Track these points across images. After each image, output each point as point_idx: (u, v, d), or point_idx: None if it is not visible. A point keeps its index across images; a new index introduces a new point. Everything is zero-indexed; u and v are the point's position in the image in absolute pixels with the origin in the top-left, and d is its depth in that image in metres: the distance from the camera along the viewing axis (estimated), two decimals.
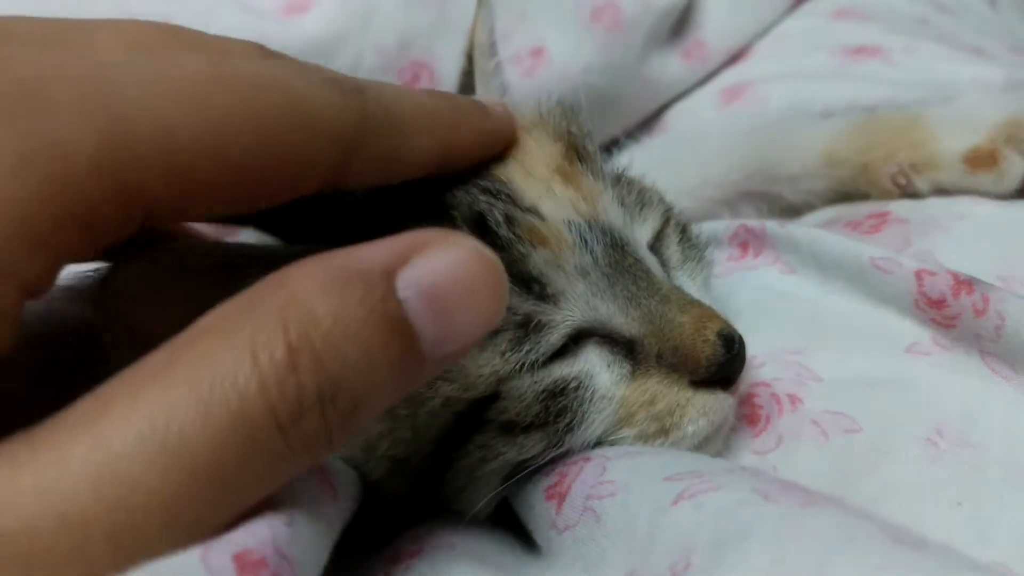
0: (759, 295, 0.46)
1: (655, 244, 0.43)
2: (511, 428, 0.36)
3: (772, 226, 0.49)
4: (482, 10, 0.50)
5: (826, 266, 0.44)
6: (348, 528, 0.33)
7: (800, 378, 0.40)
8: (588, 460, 0.35)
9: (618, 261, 0.38)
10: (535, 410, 0.35)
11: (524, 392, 0.35)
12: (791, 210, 0.57)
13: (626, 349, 0.38)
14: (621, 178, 0.44)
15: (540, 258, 0.36)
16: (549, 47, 0.72)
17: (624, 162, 0.49)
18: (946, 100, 0.52)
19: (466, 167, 0.38)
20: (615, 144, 0.69)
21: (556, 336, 0.36)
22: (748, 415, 0.40)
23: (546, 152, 0.40)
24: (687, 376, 0.37)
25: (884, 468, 0.35)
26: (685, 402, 0.37)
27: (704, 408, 0.37)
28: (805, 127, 0.57)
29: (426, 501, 0.38)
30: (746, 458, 0.39)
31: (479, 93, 0.49)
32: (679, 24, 0.79)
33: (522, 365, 0.35)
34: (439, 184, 0.37)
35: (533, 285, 0.36)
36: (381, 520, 0.37)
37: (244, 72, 0.26)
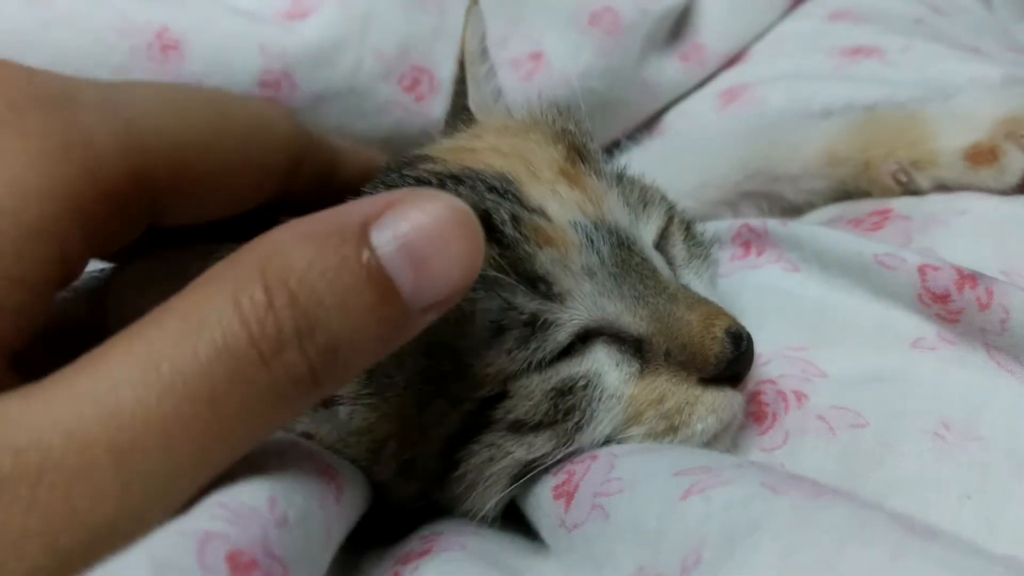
0: (763, 293, 0.46)
1: (660, 242, 0.43)
2: (520, 427, 0.36)
3: (774, 225, 0.49)
4: (472, 16, 0.50)
5: (829, 263, 0.45)
6: (358, 528, 0.33)
7: (806, 375, 0.40)
8: (596, 458, 0.35)
9: (625, 260, 0.38)
10: (544, 408, 0.35)
11: (532, 391, 0.35)
12: (792, 209, 0.57)
13: (634, 348, 0.38)
14: (623, 177, 0.44)
15: (546, 258, 0.36)
16: (548, 51, 0.72)
17: (624, 164, 0.49)
18: (945, 98, 0.53)
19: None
20: (615, 146, 0.69)
21: (563, 335, 0.36)
22: (754, 412, 0.40)
23: (547, 154, 0.40)
24: (696, 374, 0.37)
25: (891, 463, 0.35)
26: (694, 400, 0.37)
27: (713, 405, 0.37)
28: (805, 127, 0.57)
29: (435, 503, 0.38)
30: (753, 455, 0.38)
31: (472, 99, 0.50)
32: (677, 27, 0.80)
33: (529, 363, 0.35)
34: None
35: (539, 284, 0.36)
36: (391, 521, 0.37)
37: (214, 91, 0.34)
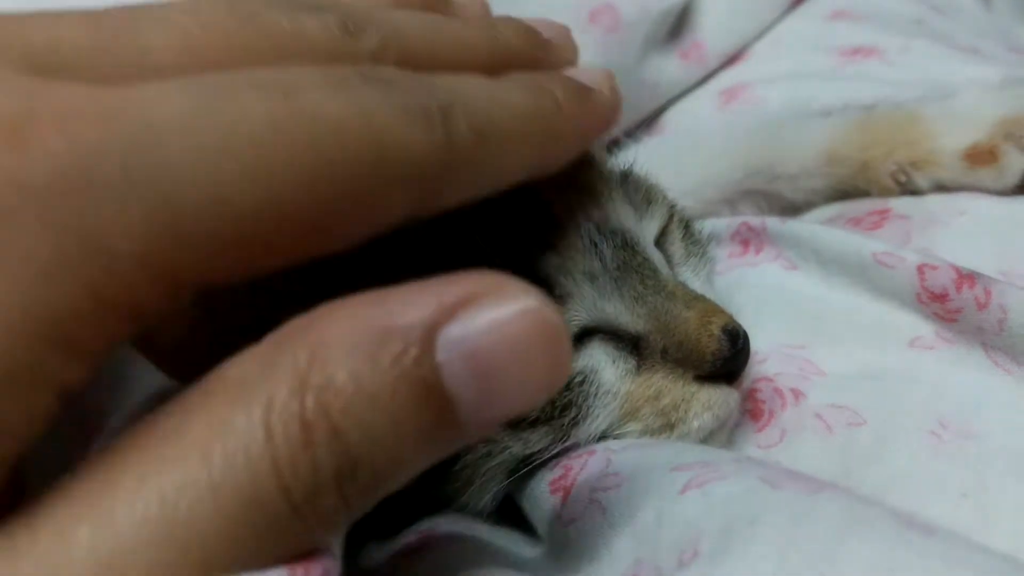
0: (761, 291, 0.46)
1: (659, 240, 0.43)
2: (516, 423, 0.36)
3: (773, 223, 0.49)
4: None
5: (827, 262, 0.45)
6: (355, 524, 0.33)
7: (803, 373, 0.40)
8: (593, 454, 0.35)
9: (626, 261, 0.38)
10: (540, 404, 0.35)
11: None
12: (792, 208, 0.57)
13: (631, 345, 0.38)
14: (627, 176, 0.44)
15: (548, 262, 0.36)
16: None
17: (624, 162, 0.49)
18: (944, 98, 0.53)
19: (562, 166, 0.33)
20: (615, 144, 0.69)
21: None
22: (751, 410, 0.40)
23: None
24: (692, 371, 0.37)
25: (888, 461, 0.35)
26: (690, 396, 0.37)
27: (709, 402, 0.37)
28: (804, 126, 0.57)
29: (431, 497, 0.38)
30: (750, 453, 0.39)
31: None
32: (677, 26, 0.80)
33: None
34: None
35: (540, 287, 0.35)
36: (387, 515, 0.37)
37: (319, 115, 0.22)
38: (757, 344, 0.39)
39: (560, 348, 0.21)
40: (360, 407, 0.20)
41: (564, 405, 0.36)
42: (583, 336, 0.37)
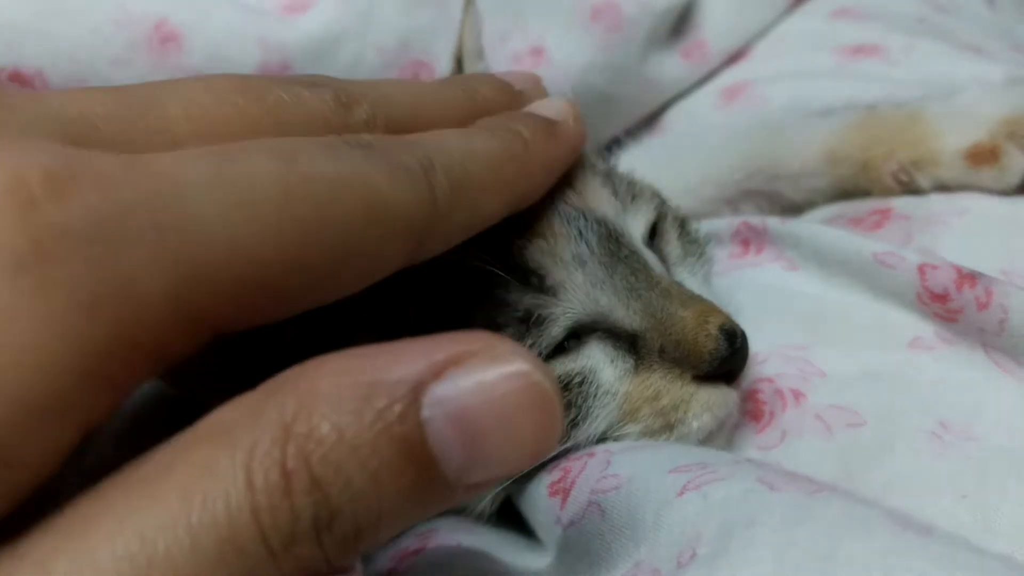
0: (761, 292, 0.46)
1: (655, 241, 0.43)
2: None
3: (774, 223, 0.49)
4: (469, 14, 0.51)
5: (828, 262, 0.44)
6: None
7: (803, 373, 0.40)
8: (592, 455, 0.35)
9: (613, 252, 0.37)
10: None
11: None
12: (793, 208, 0.57)
13: (628, 344, 0.37)
14: (611, 172, 0.44)
15: (536, 249, 0.36)
16: (549, 47, 0.72)
17: (625, 161, 0.49)
18: (946, 97, 0.52)
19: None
20: (616, 143, 0.69)
21: (557, 329, 0.36)
22: (751, 411, 0.40)
23: None
24: (690, 371, 0.37)
25: (888, 462, 0.35)
26: (689, 397, 0.37)
27: (708, 403, 0.37)
28: (805, 125, 0.57)
29: None
30: (750, 454, 0.38)
31: None
32: (679, 24, 0.80)
33: None
34: None
35: (532, 277, 0.35)
36: None
37: (317, 176, 0.24)
38: (757, 345, 0.39)
39: (550, 413, 0.21)
40: (341, 458, 0.20)
41: (564, 406, 0.36)
42: (581, 335, 0.37)
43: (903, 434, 0.36)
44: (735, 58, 0.81)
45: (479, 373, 0.21)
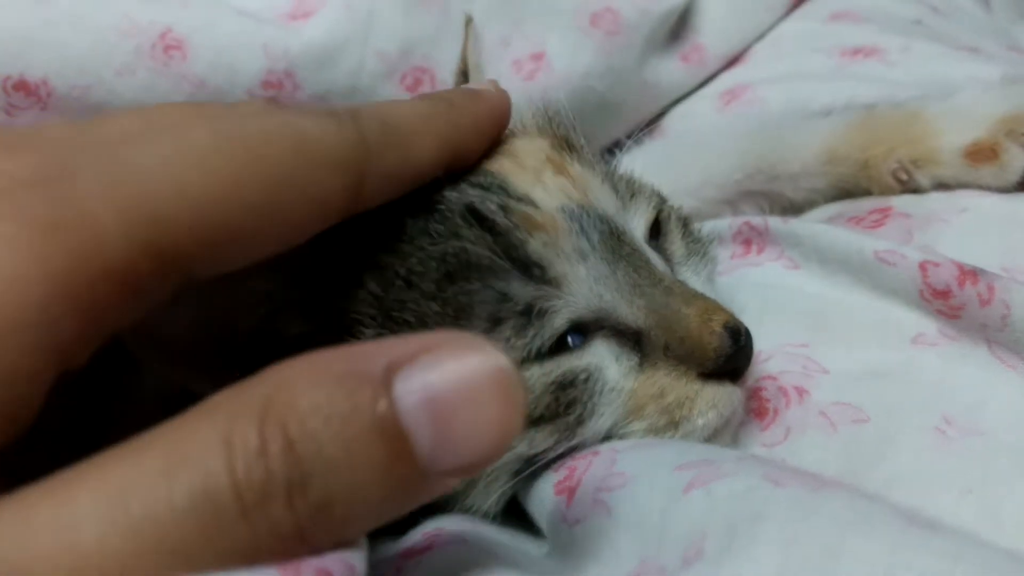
0: (763, 291, 0.46)
1: (659, 240, 0.43)
2: None
3: (775, 222, 0.49)
4: (470, 30, 0.52)
5: (830, 260, 0.45)
6: None
7: (807, 371, 0.40)
8: (597, 454, 0.35)
9: (615, 249, 0.38)
10: (545, 402, 0.35)
11: (533, 384, 0.35)
12: (793, 208, 0.57)
13: (633, 341, 0.38)
14: (610, 172, 0.44)
15: (538, 242, 0.36)
16: (549, 52, 0.72)
17: (626, 164, 0.49)
18: (944, 96, 0.53)
19: (473, 160, 0.39)
20: (617, 146, 0.69)
21: (559, 320, 0.36)
22: (755, 408, 0.40)
23: (534, 146, 0.41)
24: (695, 368, 0.37)
25: (893, 458, 0.35)
26: (694, 394, 0.37)
27: (713, 400, 0.37)
28: (805, 126, 0.57)
29: (433, 502, 0.38)
30: (755, 451, 0.38)
31: None
32: (677, 28, 0.80)
33: (528, 352, 0.35)
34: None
35: (533, 270, 0.36)
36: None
37: (246, 127, 0.28)
38: (760, 343, 0.39)
39: (514, 398, 0.23)
40: (316, 426, 0.22)
41: (569, 403, 0.36)
42: (585, 332, 0.37)
43: (907, 430, 0.36)
44: (734, 61, 0.81)
45: (448, 359, 0.23)
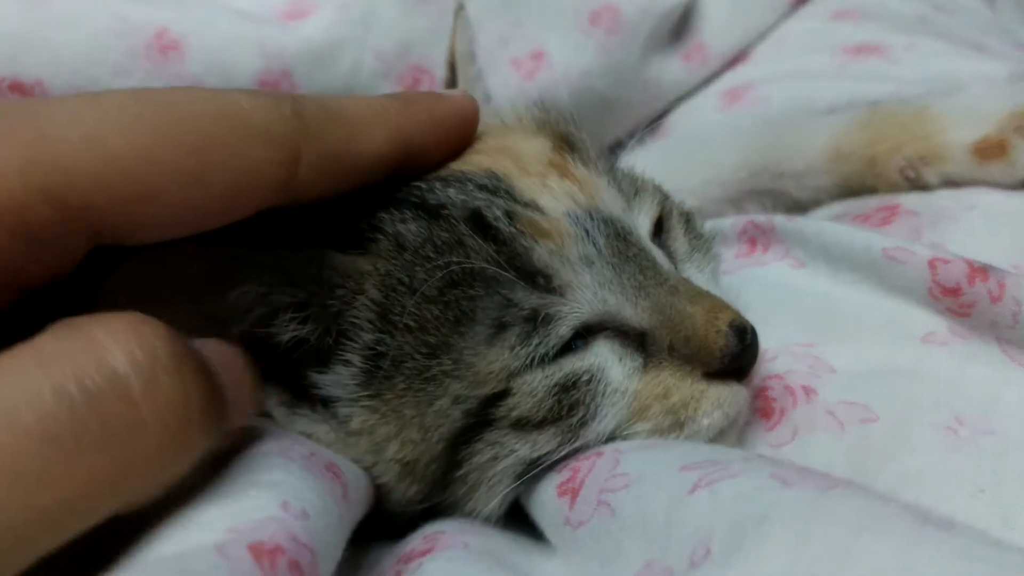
0: (769, 290, 0.46)
1: (662, 238, 0.43)
2: (523, 424, 0.35)
3: (781, 221, 0.48)
4: (460, 20, 0.51)
5: (836, 258, 0.44)
6: (361, 527, 0.33)
7: (814, 370, 0.40)
8: (600, 455, 0.35)
9: (622, 251, 0.37)
10: (547, 405, 0.35)
11: (536, 387, 0.35)
12: (798, 207, 0.56)
13: (637, 342, 0.37)
14: (614, 170, 0.44)
15: (543, 251, 0.35)
16: (549, 51, 0.72)
17: (629, 164, 0.49)
18: (952, 92, 0.52)
19: (434, 160, 0.38)
20: (619, 146, 0.68)
21: (564, 328, 0.35)
22: (762, 408, 0.39)
23: (534, 147, 0.40)
24: (700, 368, 0.36)
25: (902, 457, 0.35)
26: (699, 395, 0.36)
27: (719, 400, 0.36)
28: (809, 123, 0.57)
29: (436, 506, 0.38)
30: (761, 451, 0.38)
31: None
32: (679, 27, 0.80)
33: (532, 359, 0.35)
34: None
35: (538, 278, 0.35)
36: (393, 518, 0.37)
37: (173, 94, 0.28)
38: (766, 343, 0.39)
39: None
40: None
41: (572, 405, 0.35)
42: (588, 333, 0.37)
43: (917, 429, 0.35)
44: (736, 60, 0.81)
45: None
